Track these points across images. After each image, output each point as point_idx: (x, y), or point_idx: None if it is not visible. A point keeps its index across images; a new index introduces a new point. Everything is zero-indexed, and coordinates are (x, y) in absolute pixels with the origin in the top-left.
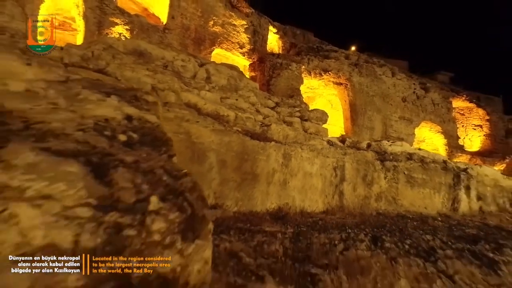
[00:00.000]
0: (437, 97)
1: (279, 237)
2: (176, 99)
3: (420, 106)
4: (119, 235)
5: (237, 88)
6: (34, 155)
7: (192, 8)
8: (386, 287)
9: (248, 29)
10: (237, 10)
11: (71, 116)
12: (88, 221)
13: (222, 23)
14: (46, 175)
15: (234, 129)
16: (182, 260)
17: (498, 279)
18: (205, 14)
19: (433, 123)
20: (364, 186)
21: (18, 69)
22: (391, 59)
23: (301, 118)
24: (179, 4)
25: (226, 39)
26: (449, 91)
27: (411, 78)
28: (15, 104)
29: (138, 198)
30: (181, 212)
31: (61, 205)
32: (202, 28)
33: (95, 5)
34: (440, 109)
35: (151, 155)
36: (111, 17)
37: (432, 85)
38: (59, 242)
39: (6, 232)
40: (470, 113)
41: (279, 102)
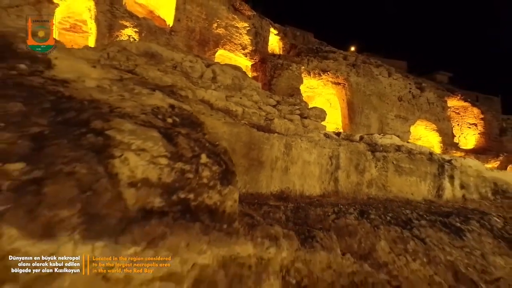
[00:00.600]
0: (432, 96)
1: (282, 209)
2: (192, 96)
3: (416, 105)
4: (183, 176)
5: (241, 87)
6: (131, 124)
7: (197, 11)
8: (369, 246)
9: (250, 31)
10: (239, 13)
11: (135, 104)
12: (165, 166)
13: (225, 26)
14: (141, 136)
15: (242, 122)
16: (220, 198)
17: (462, 242)
18: (209, 17)
19: (428, 122)
20: (356, 173)
21: (87, 71)
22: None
23: (301, 115)
24: (185, 8)
25: (229, 41)
26: (444, 91)
27: (407, 78)
28: (98, 95)
29: (193, 155)
30: (219, 166)
31: (150, 155)
32: (206, 30)
33: (106, 9)
34: (435, 108)
35: (192, 132)
36: (121, 20)
37: (428, 85)
38: (150, 177)
39: (123, 168)
40: (465, 112)
41: (280, 100)
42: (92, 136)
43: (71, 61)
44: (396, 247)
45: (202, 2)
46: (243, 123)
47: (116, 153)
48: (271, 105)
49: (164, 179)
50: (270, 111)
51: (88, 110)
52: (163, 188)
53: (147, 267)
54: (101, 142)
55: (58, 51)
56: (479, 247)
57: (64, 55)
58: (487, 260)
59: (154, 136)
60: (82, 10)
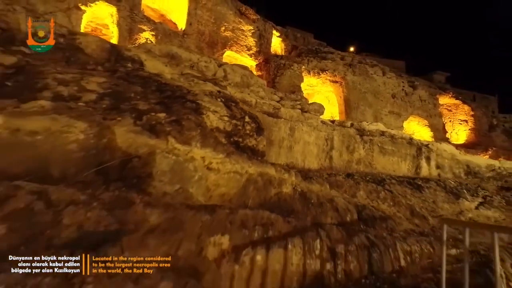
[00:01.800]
0: (424, 94)
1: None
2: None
3: (408, 102)
4: (236, 128)
5: (248, 84)
6: (212, 99)
7: (206, 15)
8: (351, 193)
9: (254, 34)
10: (245, 17)
11: (199, 88)
12: (227, 121)
13: (232, 29)
14: (214, 104)
15: (256, 109)
16: (256, 142)
17: (420, 194)
18: (218, 21)
19: (421, 118)
20: (347, 153)
21: (163, 68)
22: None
23: (301, 110)
24: (196, 13)
25: (235, 43)
26: (436, 89)
27: (401, 77)
28: (177, 83)
29: (241, 116)
30: (255, 124)
31: (219, 114)
32: (215, 33)
33: (127, 14)
34: (427, 104)
35: (237, 105)
36: (140, 24)
37: (420, 83)
38: (219, 126)
39: (207, 120)
40: (457, 109)
41: (283, 96)
42: (189, 103)
43: (153, 62)
44: (371, 195)
45: (211, 7)
46: (257, 110)
47: (203, 112)
48: (275, 101)
49: (226, 128)
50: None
51: (177, 91)
52: (225, 133)
53: (227, 165)
54: (195, 106)
55: (146, 55)
56: (432, 197)
57: (148, 57)
58: (436, 205)
59: (220, 104)
60: (105, 15)
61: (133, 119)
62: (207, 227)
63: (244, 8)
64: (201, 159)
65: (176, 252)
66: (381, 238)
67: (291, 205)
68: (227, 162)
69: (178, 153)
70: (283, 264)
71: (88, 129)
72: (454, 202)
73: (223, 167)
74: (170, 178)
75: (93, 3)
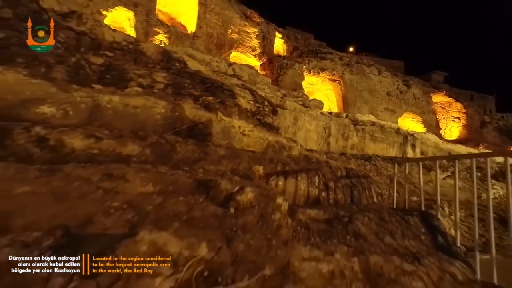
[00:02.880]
0: (418, 92)
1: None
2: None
3: (403, 99)
4: (258, 109)
5: (255, 82)
6: (241, 88)
7: (215, 19)
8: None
9: (258, 36)
10: (250, 20)
11: (229, 82)
12: (252, 104)
13: (238, 31)
14: (243, 92)
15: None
16: (272, 120)
17: (399, 168)
18: (225, 24)
19: (414, 114)
20: (343, 139)
21: (199, 66)
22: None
23: (303, 105)
24: (205, 17)
25: (241, 44)
26: (430, 88)
27: (396, 76)
28: (212, 78)
29: (261, 101)
30: (271, 107)
31: (247, 99)
32: (222, 35)
33: (143, 18)
34: (420, 102)
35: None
36: (154, 27)
37: (414, 82)
38: (247, 107)
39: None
40: (450, 107)
41: (286, 93)
42: (227, 91)
43: (193, 62)
44: (359, 167)
45: (219, 12)
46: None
47: (237, 97)
48: (279, 97)
49: (252, 109)
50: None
51: (215, 83)
52: (251, 112)
53: (254, 133)
54: (230, 93)
55: (186, 56)
56: (409, 170)
57: (189, 58)
58: (411, 175)
59: (247, 92)
60: (123, 19)
61: (192, 100)
62: (252, 159)
63: (249, 12)
64: (238, 127)
65: (238, 167)
66: (360, 183)
67: (298, 162)
68: (254, 131)
69: (225, 122)
70: (295, 188)
71: (167, 106)
72: (426, 174)
73: (252, 134)
74: (221, 136)
75: (113, 8)
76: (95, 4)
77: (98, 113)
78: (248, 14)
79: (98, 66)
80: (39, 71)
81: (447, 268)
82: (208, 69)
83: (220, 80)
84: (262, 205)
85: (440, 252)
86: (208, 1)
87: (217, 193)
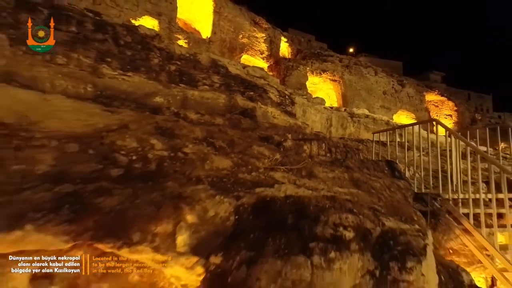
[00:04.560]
0: (411, 91)
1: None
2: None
3: (398, 98)
4: (281, 101)
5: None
6: (269, 87)
7: (227, 26)
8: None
9: (266, 40)
10: (258, 26)
11: (258, 82)
12: (278, 97)
13: (248, 36)
14: (271, 89)
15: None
16: (291, 109)
17: (384, 148)
18: (236, 30)
19: (408, 111)
20: (342, 129)
21: (236, 70)
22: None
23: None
24: (219, 23)
25: (251, 48)
26: (423, 87)
27: (391, 76)
28: (249, 79)
29: (284, 95)
30: (291, 100)
31: (274, 94)
32: (234, 40)
33: (166, 26)
34: (414, 100)
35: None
36: (176, 34)
37: (408, 82)
38: (275, 100)
39: (271, 96)
40: (442, 105)
41: (292, 92)
42: (261, 88)
43: (233, 67)
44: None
45: (231, 19)
46: None
47: (268, 92)
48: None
49: (277, 101)
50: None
51: (251, 82)
52: (277, 103)
53: (281, 116)
54: (263, 89)
55: (227, 62)
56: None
57: (229, 64)
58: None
59: (274, 89)
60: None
61: (240, 94)
62: (284, 130)
63: (257, 19)
64: (271, 112)
65: (277, 133)
66: (353, 151)
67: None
68: (281, 115)
69: (263, 109)
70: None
71: (225, 98)
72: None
73: (279, 117)
74: (262, 117)
75: (141, 17)
76: (126, 14)
77: (186, 102)
78: (256, 21)
79: (173, 71)
80: (152, 76)
81: (396, 181)
82: (243, 72)
83: (253, 80)
84: (296, 148)
85: (395, 178)
86: (222, 9)
87: (273, 141)
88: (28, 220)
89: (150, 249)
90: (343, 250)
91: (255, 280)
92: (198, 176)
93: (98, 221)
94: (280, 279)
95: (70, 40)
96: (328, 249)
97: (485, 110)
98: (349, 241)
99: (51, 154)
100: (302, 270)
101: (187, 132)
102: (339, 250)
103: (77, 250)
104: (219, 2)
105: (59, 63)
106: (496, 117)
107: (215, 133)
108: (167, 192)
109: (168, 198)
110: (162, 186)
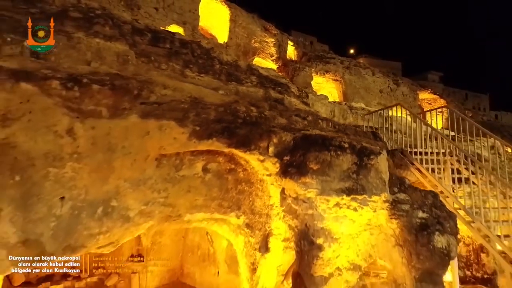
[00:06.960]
0: (406, 90)
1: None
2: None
3: (393, 96)
4: (300, 94)
5: None
6: (291, 84)
7: (242, 32)
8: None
9: (275, 44)
10: (268, 32)
11: (283, 80)
12: (298, 92)
13: (259, 41)
14: (294, 87)
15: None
16: (307, 100)
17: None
18: (249, 36)
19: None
20: (342, 119)
21: (264, 72)
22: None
23: None
24: (235, 30)
25: (262, 51)
26: (417, 86)
27: (388, 76)
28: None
29: (301, 91)
30: (305, 94)
31: (295, 90)
32: (247, 45)
33: (190, 33)
34: (408, 98)
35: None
36: (198, 40)
37: (403, 81)
38: (296, 94)
39: (290, 91)
40: (435, 102)
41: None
42: (285, 86)
43: (263, 70)
44: None
45: (245, 26)
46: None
47: (291, 88)
48: None
49: (297, 94)
50: None
51: (276, 81)
52: (297, 96)
53: (300, 106)
54: (287, 86)
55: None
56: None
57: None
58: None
59: (295, 85)
60: None
61: (272, 89)
62: (305, 112)
63: (268, 26)
64: (294, 101)
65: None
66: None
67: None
68: (301, 104)
69: (288, 99)
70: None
71: (263, 91)
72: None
73: (300, 106)
74: (288, 105)
75: (169, 26)
76: (157, 24)
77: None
78: (267, 27)
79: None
80: (216, 76)
81: (377, 141)
82: (269, 74)
83: (278, 79)
84: (314, 122)
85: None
86: (237, 18)
87: (300, 117)
88: (213, 136)
89: (257, 152)
90: (343, 151)
91: (307, 161)
92: (273, 125)
93: (237, 140)
94: (317, 159)
95: (167, 53)
96: (337, 150)
97: (482, 109)
98: (345, 148)
99: (215, 112)
100: (326, 156)
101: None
102: (341, 151)
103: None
104: (235, 11)
105: (162, 68)
106: (493, 116)
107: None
108: (264, 129)
109: (264, 132)
110: (260, 127)
